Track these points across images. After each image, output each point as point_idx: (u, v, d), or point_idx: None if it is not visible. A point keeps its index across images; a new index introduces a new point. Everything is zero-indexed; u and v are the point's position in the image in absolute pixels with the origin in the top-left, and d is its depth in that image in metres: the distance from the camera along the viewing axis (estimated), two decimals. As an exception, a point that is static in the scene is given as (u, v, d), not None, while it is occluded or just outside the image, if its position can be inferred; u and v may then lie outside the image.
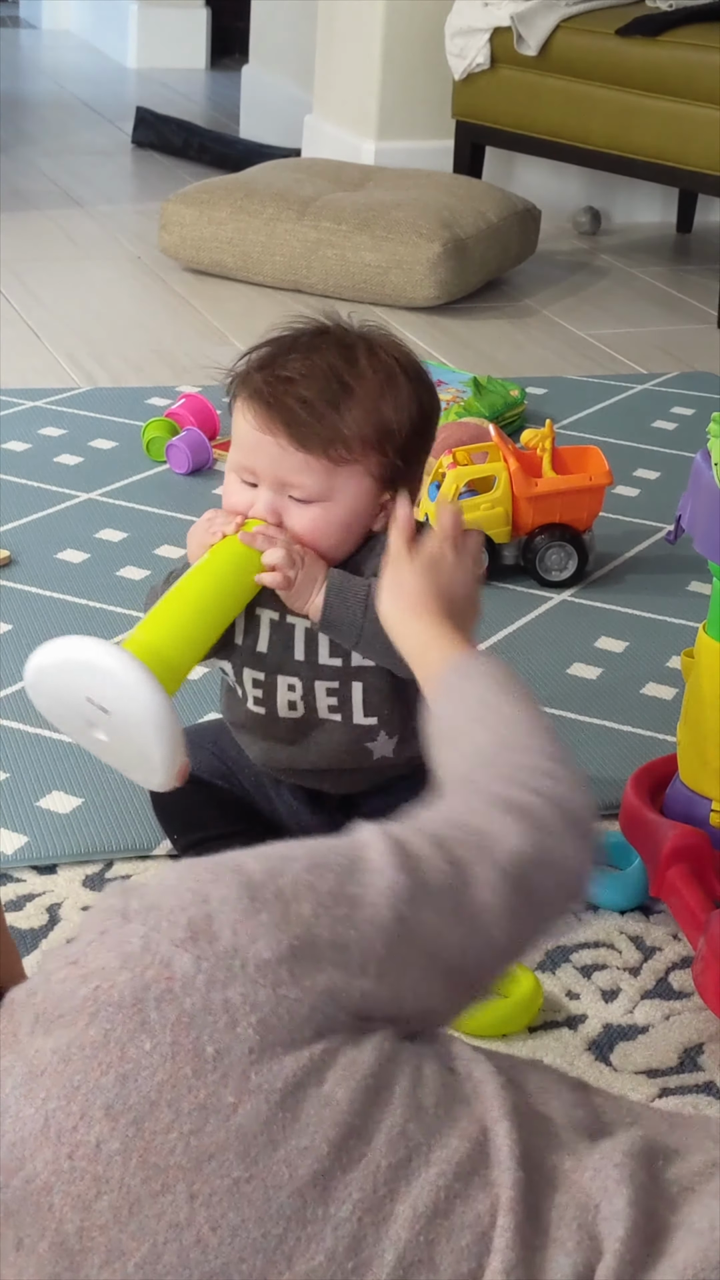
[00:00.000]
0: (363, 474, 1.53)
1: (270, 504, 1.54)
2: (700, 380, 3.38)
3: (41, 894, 1.69)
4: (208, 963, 0.90)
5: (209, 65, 6.64)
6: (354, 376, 1.53)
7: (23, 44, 7.12)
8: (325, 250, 3.70)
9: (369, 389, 1.53)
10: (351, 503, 1.54)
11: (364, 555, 1.59)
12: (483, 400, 2.93)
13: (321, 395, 1.51)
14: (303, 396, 1.50)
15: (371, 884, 0.97)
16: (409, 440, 1.55)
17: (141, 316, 3.59)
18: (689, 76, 3.77)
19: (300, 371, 1.52)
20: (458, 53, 4.08)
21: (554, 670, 2.20)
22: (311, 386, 1.51)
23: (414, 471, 1.59)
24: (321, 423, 1.51)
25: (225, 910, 0.92)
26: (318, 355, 1.54)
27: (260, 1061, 0.88)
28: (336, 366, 1.53)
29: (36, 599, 2.29)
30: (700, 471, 1.63)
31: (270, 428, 1.52)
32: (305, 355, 1.54)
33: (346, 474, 1.53)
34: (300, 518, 1.54)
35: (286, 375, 1.52)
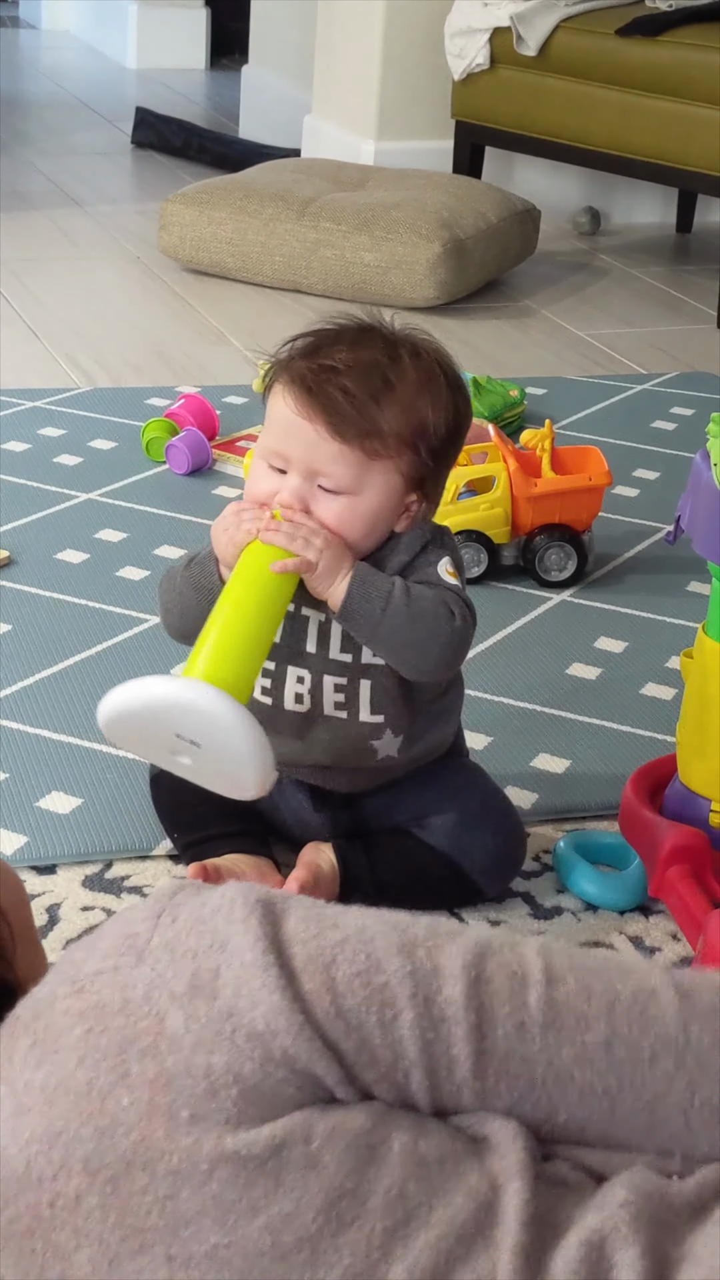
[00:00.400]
0: (393, 470, 1.55)
1: (297, 491, 1.54)
2: (700, 380, 3.38)
3: (41, 894, 1.69)
4: (198, 1024, 0.87)
5: (209, 65, 6.64)
6: (396, 373, 1.54)
7: (22, 44, 7.11)
8: (325, 250, 3.70)
9: (410, 387, 1.54)
10: (379, 498, 1.55)
11: (385, 554, 1.60)
12: (482, 400, 2.93)
13: (363, 387, 1.52)
14: (345, 386, 1.52)
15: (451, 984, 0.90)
16: (442, 443, 1.57)
17: (141, 317, 3.59)
18: (689, 77, 3.77)
19: (345, 362, 1.53)
20: (457, 53, 4.08)
21: (553, 670, 2.20)
22: (354, 378, 1.52)
23: (441, 475, 1.60)
24: (361, 414, 1.52)
25: (234, 963, 0.89)
26: (363, 349, 1.55)
27: (237, 1131, 0.85)
28: (380, 361, 1.54)
29: (36, 599, 2.29)
30: (699, 472, 1.63)
31: (309, 414, 1.52)
32: (350, 348, 1.55)
33: (378, 469, 1.54)
34: (327, 508, 1.54)
35: (331, 364, 1.53)
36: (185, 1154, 0.85)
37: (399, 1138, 0.87)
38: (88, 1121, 0.86)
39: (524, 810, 1.85)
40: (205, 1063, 0.86)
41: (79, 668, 2.12)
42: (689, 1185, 0.89)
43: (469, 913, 1.71)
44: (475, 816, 1.70)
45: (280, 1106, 0.87)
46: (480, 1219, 0.86)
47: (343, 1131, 0.86)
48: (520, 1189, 0.87)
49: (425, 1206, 0.85)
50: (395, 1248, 0.84)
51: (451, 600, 1.58)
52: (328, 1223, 0.84)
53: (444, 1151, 0.88)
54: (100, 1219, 0.85)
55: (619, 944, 1.68)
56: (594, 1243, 0.85)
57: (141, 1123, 0.86)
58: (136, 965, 0.90)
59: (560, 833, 1.84)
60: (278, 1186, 0.84)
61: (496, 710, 2.08)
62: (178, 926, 0.91)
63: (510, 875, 1.73)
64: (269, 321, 3.58)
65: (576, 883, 1.75)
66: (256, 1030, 0.87)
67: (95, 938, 0.94)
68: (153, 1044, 0.87)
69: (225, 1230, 0.84)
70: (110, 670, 2.11)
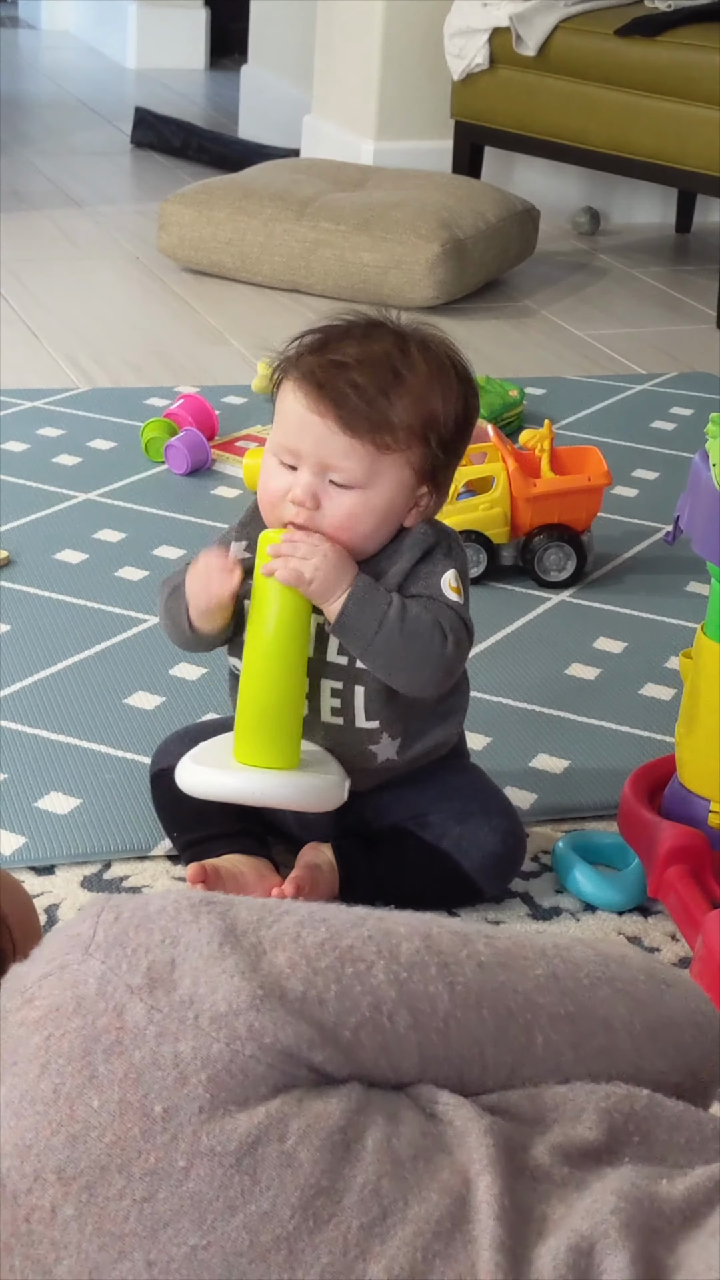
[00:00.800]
0: (404, 464, 1.55)
1: (309, 486, 1.55)
2: (699, 381, 3.38)
3: (39, 895, 1.69)
4: (160, 1014, 0.87)
5: (208, 65, 6.63)
6: (406, 366, 1.55)
7: (22, 44, 7.11)
8: (324, 250, 3.70)
9: (419, 380, 1.55)
10: (390, 492, 1.56)
11: (390, 554, 1.60)
12: (481, 400, 2.93)
13: (373, 381, 1.53)
14: (355, 381, 1.52)
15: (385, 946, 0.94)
16: (452, 434, 1.58)
17: (140, 317, 3.59)
18: (688, 77, 3.77)
19: (354, 357, 1.54)
20: (457, 53, 4.08)
21: (552, 670, 2.20)
22: (364, 372, 1.53)
23: (451, 466, 1.61)
24: (371, 407, 1.52)
25: (191, 956, 0.89)
26: (371, 343, 1.56)
27: (211, 1120, 0.85)
28: (390, 354, 1.55)
29: (35, 599, 2.29)
30: (699, 473, 1.63)
31: (320, 409, 1.53)
32: (359, 342, 1.56)
33: (389, 462, 1.55)
34: (338, 503, 1.55)
35: (340, 359, 1.54)
36: (162, 1152, 0.84)
37: (373, 1134, 0.87)
38: (58, 1130, 0.85)
39: (523, 810, 1.85)
40: (172, 1051, 0.86)
41: (78, 668, 2.11)
42: (678, 1191, 0.89)
43: (468, 913, 1.71)
44: (475, 816, 1.70)
45: (253, 1087, 0.86)
46: (455, 1214, 0.85)
47: (318, 1128, 0.86)
48: (491, 1183, 0.87)
49: (401, 1203, 0.85)
50: (373, 1245, 0.84)
51: (448, 621, 1.59)
52: (305, 1221, 0.84)
53: (417, 1147, 0.88)
54: (78, 1229, 0.84)
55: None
56: (583, 1249, 0.84)
57: (114, 1123, 0.85)
58: (83, 960, 0.89)
59: (559, 833, 1.84)
60: (254, 1184, 0.84)
61: (495, 710, 2.08)
62: (121, 924, 0.91)
63: (510, 875, 1.73)
64: (268, 321, 3.58)
65: (575, 883, 1.75)
66: (219, 1012, 0.87)
67: (39, 949, 0.94)
68: (116, 1040, 0.86)
69: (204, 1231, 0.83)
70: (109, 671, 2.11)
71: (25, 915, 1.10)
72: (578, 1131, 0.93)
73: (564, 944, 1.02)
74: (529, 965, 0.99)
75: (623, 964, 1.03)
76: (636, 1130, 0.94)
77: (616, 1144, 0.93)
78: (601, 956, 1.02)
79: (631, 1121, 0.94)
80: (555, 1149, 0.92)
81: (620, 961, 1.03)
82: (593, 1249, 0.84)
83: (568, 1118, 0.94)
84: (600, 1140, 0.93)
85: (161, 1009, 0.87)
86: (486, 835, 1.69)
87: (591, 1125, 0.93)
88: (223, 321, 3.57)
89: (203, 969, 0.88)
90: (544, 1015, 0.97)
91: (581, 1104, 0.95)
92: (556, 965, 1.00)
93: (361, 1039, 0.91)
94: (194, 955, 0.89)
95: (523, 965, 0.98)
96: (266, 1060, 0.87)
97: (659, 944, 1.69)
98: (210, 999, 0.87)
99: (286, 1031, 0.88)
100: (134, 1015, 0.87)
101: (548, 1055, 0.97)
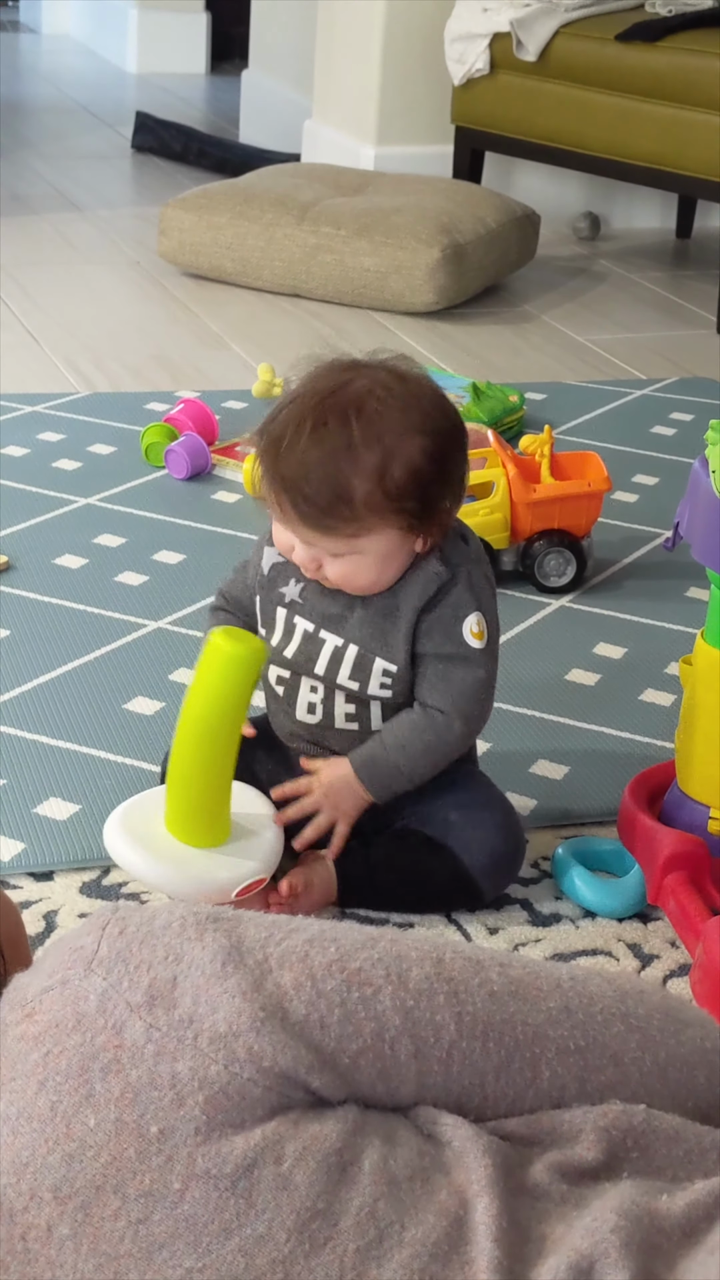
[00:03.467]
0: (385, 527, 1.58)
1: (306, 558, 1.60)
2: (699, 386, 3.38)
3: (38, 901, 1.69)
4: (159, 1032, 0.86)
5: (208, 70, 6.64)
6: (351, 457, 1.54)
7: (22, 48, 7.11)
8: (324, 255, 3.70)
9: (373, 461, 1.54)
10: (382, 549, 1.59)
11: (409, 580, 1.62)
12: (481, 406, 2.93)
13: (325, 488, 1.54)
14: (307, 495, 1.54)
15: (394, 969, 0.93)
16: (424, 488, 1.57)
17: (140, 321, 3.59)
18: (688, 82, 3.77)
19: (302, 468, 1.54)
20: (457, 58, 4.08)
21: (552, 676, 2.20)
22: (313, 482, 1.54)
23: (438, 504, 1.59)
24: (331, 514, 1.55)
25: (193, 974, 0.88)
26: (317, 438, 1.54)
27: (208, 1143, 0.84)
28: (337, 452, 1.54)
29: (35, 604, 2.29)
30: (698, 478, 1.63)
31: (291, 525, 1.58)
32: (307, 441, 1.54)
33: (371, 534, 1.57)
34: (334, 567, 1.60)
35: (288, 475, 1.55)
36: (156, 1173, 0.84)
37: (369, 1156, 0.87)
38: (54, 1148, 0.85)
39: (523, 816, 1.85)
40: (170, 1071, 0.85)
41: (77, 673, 2.11)
42: (678, 1207, 0.89)
43: (468, 918, 1.71)
44: (476, 816, 1.70)
45: (249, 1110, 0.86)
46: (453, 1236, 0.85)
47: (314, 1150, 0.85)
48: (489, 1204, 0.86)
49: (397, 1225, 0.84)
50: (369, 1269, 0.83)
51: (460, 695, 1.63)
52: (300, 1244, 0.83)
53: (414, 1169, 0.87)
54: (73, 1249, 0.84)
55: (617, 951, 1.68)
56: (583, 1267, 0.84)
57: (110, 1143, 0.84)
58: (85, 976, 0.89)
59: (559, 839, 1.84)
60: (249, 1207, 0.83)
61: (495, 716, 2.07)
62: (126, 938, 0.90)
63: (510, 876, 1.73)
64: (268, 326, 3.58)
65: (575, 889, 1.74)
66: (219, 1033, 0.87)
67: (41, 960, 0.93)
68: (114, 1059, 0.86)
69: (199, 1254, 0.83)
70: (109, 676, 2.11)
71: (15, 931, 1.10)
72: (576, 1151, 0.92)
73: (581, 975, 1.01)
74: (542, 997, 0.97)
75: (640, 999, 1.01)
76: (635, 1146, 0.94)
77: (615, 1161, 0.93)
78: (619, 992, 1.00)
79: (630, 1137, 0.94)
80: (554, 1168, 0.91)
81: (637, 997, 1.01)
82: (593, 1268, 0.84)
83: (565, 1138, 0.93)
84: (599, 1160, 0.92)
85: (160, 1027, 0.87)
86: (489, 832, 1.69)
87: (590, 1145, 0.93)
88: (223, 326, 3.57)
89: (204, 987, 0.88)
90: (553, 1049, 0.96)
91: (579, 1124, 0.94)
92: (571, 998, 0.98)
93: (360, 1065, 0.90)
94: (196, 973, 0.88)
95: (535, 996, 0.97)
96: (264, 1083, 0.86)
97: (658, 951, 1.68)
98: (210, 1019, 0.87)
99: (285, 1055, 0.87)
100: (133, 1033, 0.86)
101: (552, 1089, 0.96)
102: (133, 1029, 0.87)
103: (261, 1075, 0.86)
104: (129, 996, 0.88)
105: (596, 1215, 0.87)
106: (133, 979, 0.88)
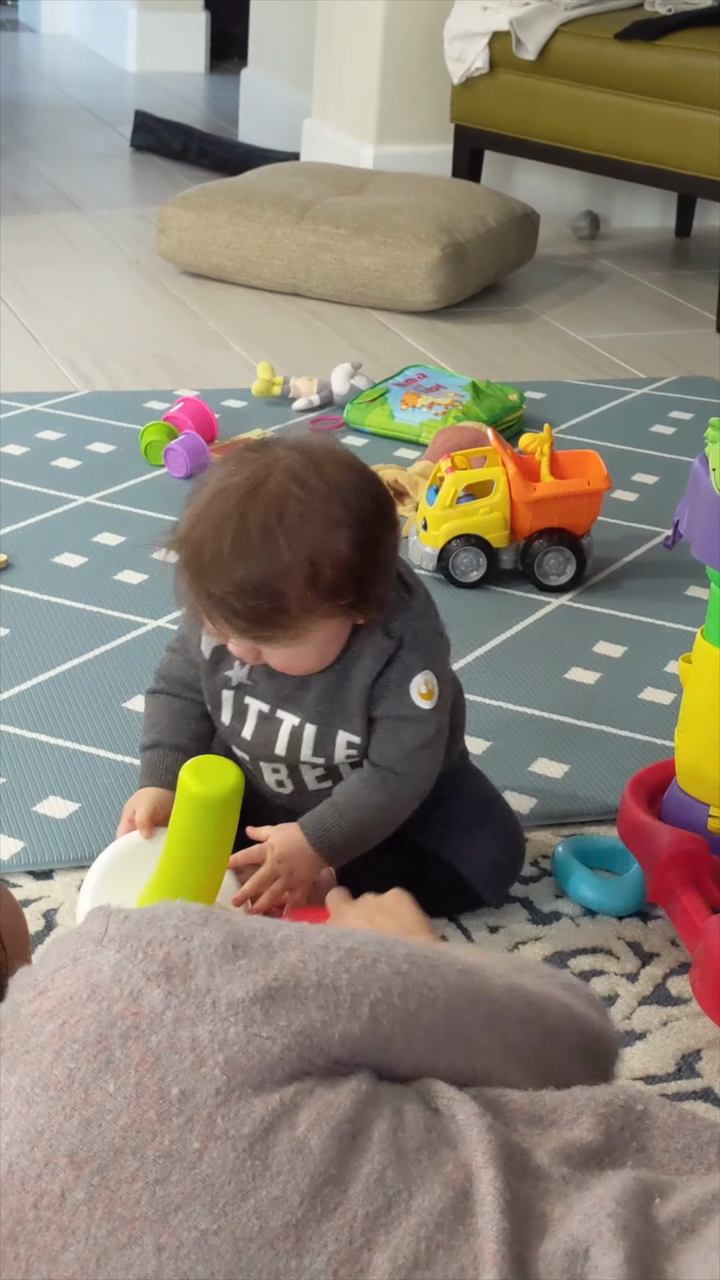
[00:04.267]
0: (320, 617, 1.52)
1: (244, 648, 1.55)
2: (699, 385, 3.38)
3: (38, 899, 1.69)
4: (177, 999, 0.87)
5: (208, 69, 6.63)
6: (279, 568, 1.47)
7: (22, 48, 7.11)
8: (324, 254, 3.70)
9: (300, 569, 1.47)
10: (321, 636, 1.55)
11: (356, 651, 1.58)
12: (481, 405, 2.93)
13: (256, 602, 1.48)
14: (239, 611, 1.49)
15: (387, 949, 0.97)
16: (357, 579, 1.51)
17: (140, 320, 3.59)
18: (688, 81, 3.77)
19: (228, 589, 1.48)
20: (457, 57, 4.08)
21: (552, 675, 2.20)
22: (244, 598, 1.48)
23: (372, 583, 1.53)
24: (267, 624, 1.50)
25: (206, 952, 0.90)
26: (238, 556, 1.47)
27: (227, 1104, 0.85)
28: (261, 563, 1.47)
29: (34, 603, 2.29)
30: (698, 477, 1.63)
31: (222, 636, 1.55)
32: (230, 561, 1.47)
33: (308, 631, 1.52)
34: (277, 657, 1.56)
35: (217, 594, 1.49)
36: (176, 1134, 0.85)
37: (379, 1126, 0.88)
38: (71, 1114, 0.85)
39: (522, 815, 1.85)
40: (190, 1035, 0.86)
41: (77, 672, 2.11)
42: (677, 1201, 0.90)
43: (468, 916, 1.71)
44: (476, 823, 1.70)
45: (269, 1070, 0.87)
46: (459, 1207, 0.86)
47: (328, 1116, 0.87)
48: (494, 1177, 0.87)
49: (405, 1194, 0.86)
50: (378, 1235, 0.84)
51: (411, 744, 1.60)
52: (313, 1208, 0.84)
53: (421, 1141, 0.89)
54: (87, 1214, 0.84)
55: (617, 949, 1.68)
56: (578, 1251, 0.85)
57: (130, 1106, 0.85)
58: (97, 951, 0.90)
59: (558, 837, 1.84)
60: (265, 1169, 0.85)
61: (495, 715, 2.08)
62: (132, 922, 0.92)
63: (510, 882, 1.73)
64: (268, 325, 3.58)
65: (575, 888, 1.74)
66: (236, 998, 0.88)
67: (46, 953, 0.95)
68: (133, 1025, 0.87)
69: (215, 1215, 0.84)
70: (108, 675, 2.11)
71: (16, 924, 1.11)
72: (576, 1133, 0.94)
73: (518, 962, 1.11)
74: (494, 977, 1.03)
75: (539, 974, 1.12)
76: (633, 1137, 0.95)
77: (615, 1148, 0.94)
78: (540, 985, 1.08)
79: (628, 1129, 0.95)
80: (555, 1150, 0.93)
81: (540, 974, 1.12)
82: (588, 1251, 0.85)
83: (566, 1119, 0.95)
84: (599, 1142, 0.94)
85: (179, 994, 0.88)
86: (488, 843, 1.69)
87: (590, 1127, 0.94)
88: (222, 325, 3.57)
89: (218, 964, 0.90)
90: (513, 1019, 1.02)
91: (581, 1106, 0.96)
92: (514, 979, 1.06)
93: (379, 1016, 0.93)
94: (209, 951, 0.90)
95: (489, 976, 1.03)
96: (283, 1041, 0.88)
97: (658, 949, 1.68)
98: (227, 988, 0.89)
99: (303, 1015, 0.89)
100: (151, 1000, 0.87)
101: (520, 1054, 1.02)
102: (150, 996, 0.88)
103: (280, 1034, 0.88)
104: (145, 967, 0.89)
105: (595, 1200, 0.88)
106: (147, 952, 0.90)
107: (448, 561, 2.41)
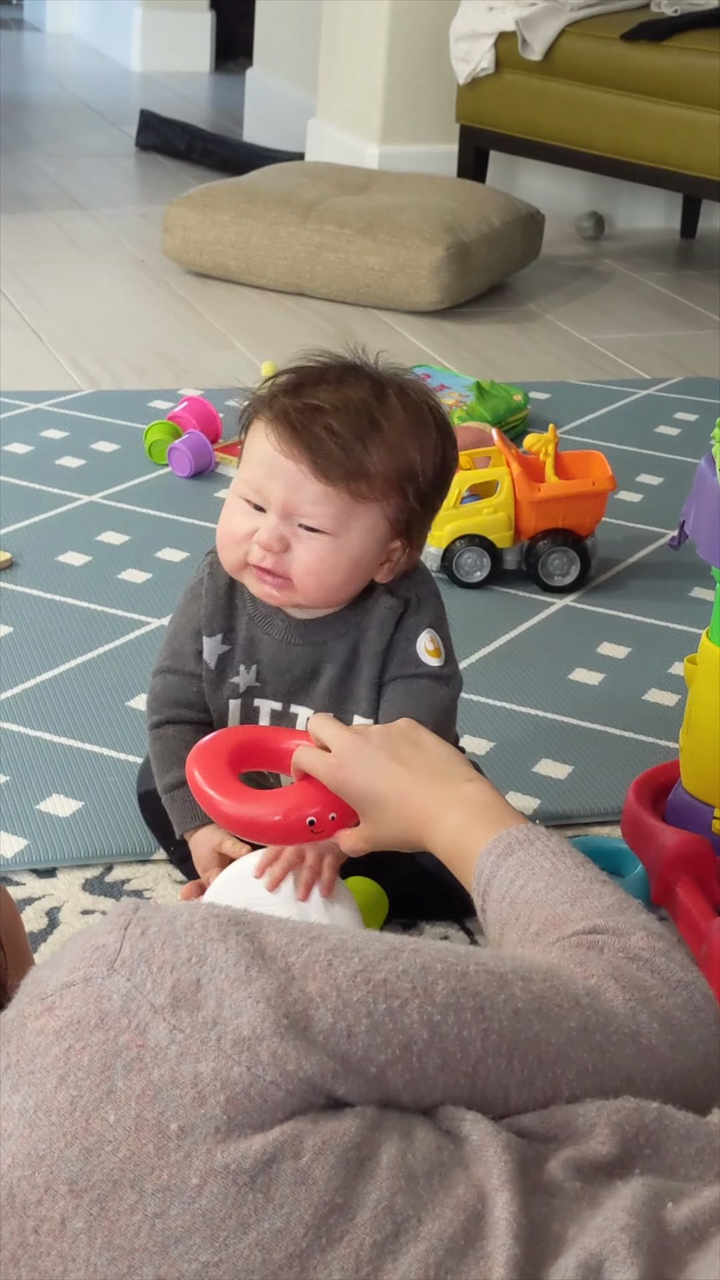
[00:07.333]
0: (379, 515, 1.51)
1: (276, 532, 1.50)
2: (704, 386, 3.38)
3: (41, 898, 1.69)
4: (182, 1034, 0.86)
5: (213, 69, 6.63)
6: (384, 414, 1.49)
7: (26, 46, 7.11)
8: (328, 254, 3.70)
9: (398, 429, 1.49)
10: (362, 542, 1.51)
11: (366, 609, 1.58)
12: (485, 405, 2.93)
13: (350, 428, 1.47)
14: (331, 427, 1.47)
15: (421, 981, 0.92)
16: (430, 486, 1.53)
17: (144, 319, 3.59)
18: (693, 82, 3.77)
19: (331, 402, 1.48)
20: (462, 57, 4.08)
21: (555, 676, 2.19)
22: (341, 418, 1.47)
23: (426, 520, 1.56)
24: (348, 455, 1.47)
25: (217, 976, 0.88)
26: (349, 388, 1.50)
27: (227, 1141, 0.84)
28: (368, 402, 1.49)
29: (38, 602, 2.29)
30: (704, 477, 1.62)
31: (293, 453, 1.47)
32: (336, 386, 1.50)
33: (363, 511, 1.50)
34: (307, 549, 1.50)
35: (316, 404, 1.48)
36: (175, 1169, 0.83)
37: (387, 1150, 0.86)
38: (72, 1142, 0.84)
39: (526, 816, 1.84)
40: (192, 1071, 0.85)
41: (80, 670, 2.11)
42: (689, 1208, 0.88)
43: (472, 920, 1.70)
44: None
45: (270, 1112, 0.85)
46: (470, 1231, 0.84)
47: (333, 1144, 0.85)
48: (509, 1200, 0.85)
49: (414, 1220, 0.84)
50: (385, 1262, 0.83)
51: (428, 704, 1.56)
52: (318, 1238, 0.83)
53: (432, 1164, 0.87)
54: (87, 1242, 0.83)
55: (621, 951, 1.68)
56: (592, 1265, 0.83)
57: (129, 1138, 0.84)
58: (109, 975, 0.88)
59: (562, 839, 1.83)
60: (268, 1202, 0.83)
61: (498, 715, 2.08)
62: (149, 938, 0.90)
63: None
64: (272, 325, 3.58)
65: (578, 889, 1.74)
66: (243, 1036, 0.86)
67: (59, 954, 0.93)
68: (137, 1057, 0.86)
69: (215, 1248, 0.82)
70: (112, 673, 2.10)
71: (13, 925, 1.10)
72: (590, 1146, 0.92)
73: (594, 989, 1.00)
74: (563, 1015, 0.97)
75: (646, 1006, 1.01)
76: (648, 1143, 0.93)
77: (628, 1157, 0.93)
78: (630, 1007, 1.00)
79: (643, 1134, 0.94)
80: (568, 1163, 0.91)
81: (645, 1007, 1.00)
82: (601, 1266, 0.83)
83: (580, 1132, 0.93)
84: (613, 1154, 0.92)
85: (184, 1029, 0.86)
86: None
87: (604, 1140, 0.92)
88: (226, 324, 3.57)
89: (228, 991, 0.87)
90: (573, 1070, 0.96)
91: (593, 1119, 0.94)
92: (589, 1017, 0.98)
93: (388, 1075, 0.90)
94: (220, 976, 0.88)
95: (557, 1015, 0.97)
96: (287, 1087, 0.86)
97: (662, 950, 1.68)
98: (234, 1022, 0.86)
99: (310, 1062, 0.87)
100: (156, 1034, 0.86)
101: (571, 1105, 0.96)
102: (156, 1030, 0.86)
103: (285, 1079, 0.86)
104: (153, 998, 0.87)
105: (608, 1214, 0.86)
106: (156, 980, 0.88)
107: (452, 562, 2.40)
